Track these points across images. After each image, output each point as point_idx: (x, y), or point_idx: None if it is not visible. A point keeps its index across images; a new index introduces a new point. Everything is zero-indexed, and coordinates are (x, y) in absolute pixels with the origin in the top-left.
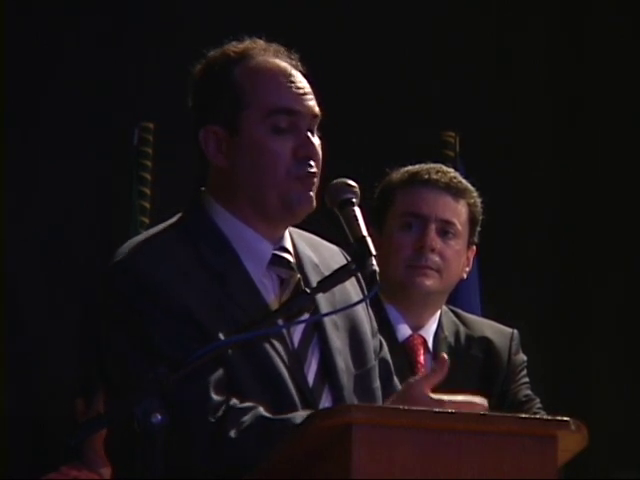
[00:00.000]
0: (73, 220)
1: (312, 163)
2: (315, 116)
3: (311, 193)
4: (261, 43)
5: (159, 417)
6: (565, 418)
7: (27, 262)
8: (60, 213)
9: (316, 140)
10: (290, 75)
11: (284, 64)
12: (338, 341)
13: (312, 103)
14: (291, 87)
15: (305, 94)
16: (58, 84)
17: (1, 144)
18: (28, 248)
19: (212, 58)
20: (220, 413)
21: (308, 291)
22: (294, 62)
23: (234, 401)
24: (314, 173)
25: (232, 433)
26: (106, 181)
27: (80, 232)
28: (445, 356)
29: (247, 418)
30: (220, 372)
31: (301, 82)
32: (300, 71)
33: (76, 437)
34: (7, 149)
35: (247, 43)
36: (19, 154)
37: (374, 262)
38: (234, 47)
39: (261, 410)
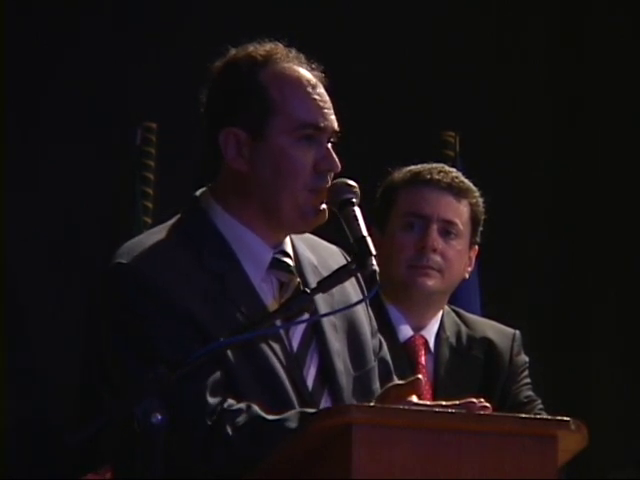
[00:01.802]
0: (75, 220)
1: (329, 177)
2: (335, 131)
3: (324, 206)
4: (282, 48)
5: (159, 417)
6: (565, 418)
7: (29, 262)
8: (62, 213)
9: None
10: (316, 87)
11: (309, 75)
12: (337, 343)
13: (334, 118)
14: (318, 102)
15: (329, 109)
16: (59, 84)
17: (2, 144)
18: (30, 248)
19: (235, 59)
20: (215, 415)
21: (307, 291)
22: (316, 73)
23: (230, 402)
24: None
25: (227, 433)
26: (108, 181)
27: (82, 232)
28: (420, 378)
29: (241, 418)
30: (218, 373)
31: (325, 96)
32: (322, 83)
33: (76, 437)
34: (8, 149)
35: (270, 46)
36: (20, 154)
37: (374, 262)
38: (258, 49)
39: (256, 409)
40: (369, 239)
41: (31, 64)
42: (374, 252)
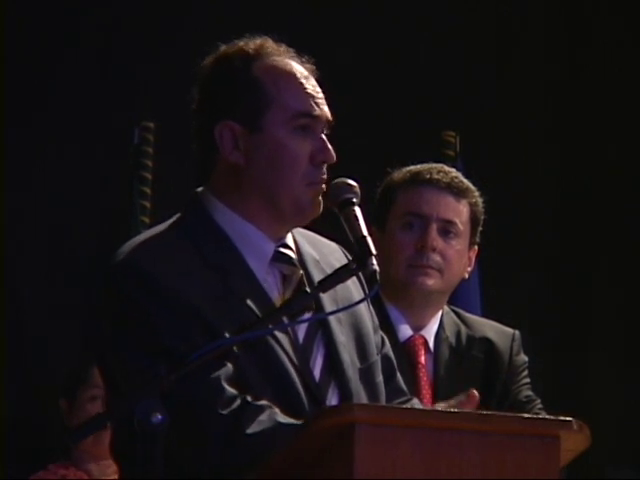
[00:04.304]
0: (74, 220)
1: (325, 169)
2: (328, 120)
3: (319, 199)
4: (272, 42)
5: (159, 417)
6: (568, 418)
7: (27, 262)
8: (61, 213)
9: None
10: (308, 78)
11: (301, 67)
12: (342, 336)
13: (326, 108)
14: (311, 92)
15: (322, 99)
16: (58, 84)
17: (1, 144)
18: (28, 248)
19: (226, 54)
20: (235, 406)
21: (308, 291)
22: (307, 65)
23: (249, 397)
24: (324, 179)
25: (250, 430)
26: (106, 181)
27: (81, 232)
28: (475, 393)
29: (265, 418)
30: (229, 367)
31: (318, 87)
32: (313, 74)
33: (76, 437)
34: (7, 148)
35: (260, 41)
36: (19, 154)
37: (374, 262)
38: (249, 44)
39: (279, 413)
40: (369, 239)
41: (31, 64)
42: (374, 252)
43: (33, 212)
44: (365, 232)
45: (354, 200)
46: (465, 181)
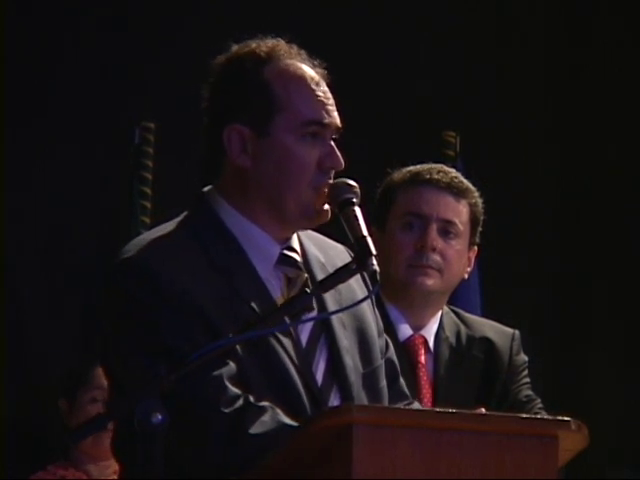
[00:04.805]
0: (74, 220)
1: (332, 174)
2: (338, 128)
3: (327, 207)
4: (284, 44)
5: (159, 417)
6: (566, 418)
7: (28, 262)
8: (61, 212)
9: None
10: (319, 84)
11: (312, 72)
12: (345, 340)
13: (336, 114)
14: (322, 98)
15: (332, 105)
16: (59, 84)
17: (1, 144)
18: (29, 248)
19: (238, 55)
20: (237, 405)
21: (308, 291)
22: (319, 69)
23: (252, 397)
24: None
25: (253, 430)
26: (107, 181)
27: (81, 232)
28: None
29: (267, 418)
30: (232, 366)
31: (328, 92)
32: (324, 79)
33: (76, 437)
34: (7, 148)
35: (272, 43)
36: (20, 154)
37: (374, 262)
38: (261, 46)
39: (281, 413)
40: (369, 239)
41: (31, 64)
42: (374, 252)
43: (33, 212)
44: (365, 232)
45: (354, 200)
46: (465, 181)
